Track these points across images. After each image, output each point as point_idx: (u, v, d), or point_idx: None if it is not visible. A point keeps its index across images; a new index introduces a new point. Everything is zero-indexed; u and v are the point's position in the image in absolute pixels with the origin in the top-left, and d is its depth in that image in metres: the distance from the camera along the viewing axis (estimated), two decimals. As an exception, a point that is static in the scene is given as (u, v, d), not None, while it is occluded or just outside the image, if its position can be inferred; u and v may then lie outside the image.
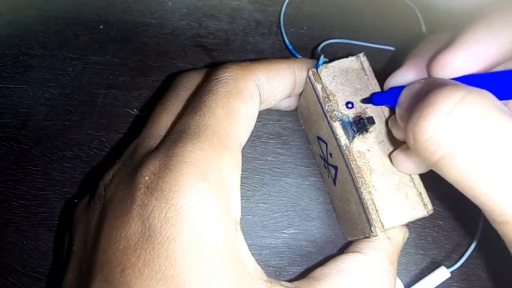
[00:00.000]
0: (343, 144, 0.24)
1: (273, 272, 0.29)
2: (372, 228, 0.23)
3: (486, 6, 0.21)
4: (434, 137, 0.17)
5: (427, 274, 0.29)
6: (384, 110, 0.25)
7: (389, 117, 0.25)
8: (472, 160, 0.16)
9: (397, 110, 0.21)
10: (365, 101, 0.25)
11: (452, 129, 0.17)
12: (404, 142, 0.23)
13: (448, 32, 0.22)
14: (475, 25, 0.20)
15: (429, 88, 0.18)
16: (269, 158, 0.31)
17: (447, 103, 0.17)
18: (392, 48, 0.32)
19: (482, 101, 0.17)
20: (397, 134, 0.24)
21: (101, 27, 0.33)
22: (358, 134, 0.24)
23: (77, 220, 0.24)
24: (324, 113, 0.25)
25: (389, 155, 0.24)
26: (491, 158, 0.16)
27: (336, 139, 0.25)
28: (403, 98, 0.21)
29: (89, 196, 0.25)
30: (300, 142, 0.31)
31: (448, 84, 0.18)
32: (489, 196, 0.16)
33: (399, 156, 0.23)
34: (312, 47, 0.33)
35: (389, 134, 0.25)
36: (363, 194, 0.23)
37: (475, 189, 0.17)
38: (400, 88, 0.22)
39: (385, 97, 0.23)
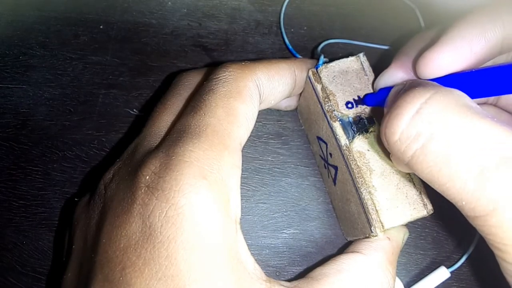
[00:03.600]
0: (343, 144, 0.24)
1: (273, 272, 0.29)
2: (372, 228, 0.23)
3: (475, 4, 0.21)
4: (403, 137, 0.18)
5: (427, 274, 0.29)
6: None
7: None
8: (441, 157, 0.17)
9: (385, 111, 0.21)
10: (358, 103, 0.25)
11: (418, 128, 0.17)
12: None
13: (435, 30, 0.22)
14: (461, 21, 0.20)
15: (401, 93, 0.19)
16: (269, 158, 0.31)
17: (414, 104, 0.17)
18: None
19: (448, 100, 0.17)
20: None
21: (101, 27, 0.34)
22: (358, 134, 0.24)
23: (77, 218, 0.24)
24: (324, 113, 0.25)
25: (389, 155, 0.24)
26: (458, 154, 0.16)
27: (336, 139, 0.25)
28: (389, 101, 0.21)
29: (89, 195, 0.25)
30: (300, 142, 0.31)
31: (419, 86, 0.18)
32: (459, 192, 0.17)
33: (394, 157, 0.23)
34: (312, 47, 0.33)
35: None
36: (363, 194, 0.23)
37: (445, 186, 0.17)
38: (389, 89, 0.22)
39: (376, 98, 0.24)
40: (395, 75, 0.23)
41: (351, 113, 0.25)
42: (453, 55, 0.20)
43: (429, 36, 0.22)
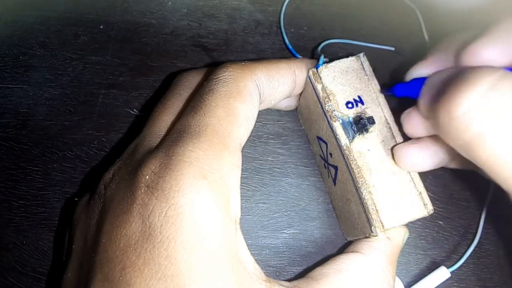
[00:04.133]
0: (343, 144, 0.24)
1: (273, 272, 0.29)
2: (372, 228, 0.23)
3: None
4: (469, 113, 0.17)
5: (427, 274, 0.29)
6: (384, 110, 0.25)
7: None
8: (504, 143, 0.16)
9: (421, 100, 0.21)
10: (385, 91, 0.25)
11: (487, 109, 0.16)
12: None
13: (474, 31, 0.22)
14: (509, 18, 0.20)
15: (462, 72, 0.18)
16: (269, 158, 0.31)
17: (484, 82, 0.17)
18: (392, 48, 0.32)
19: None
20: (411, 129, 0.23)
21: (101, 27, 0.34)
22: (358, 134, 0.24)
23: (77, 218, 0.24)
24: (324, 113, 0.25)
25: (391, 150, 0.24)
26: None
27: (336, 139, 0.25)
28: (429, 86, 0.20)
29: (89, 195, 0.25)
30: (300, 142, 0.31)
31: (485, 66, 0.18)
32: None
33: (404, 148, 0.23)
34: (312, 47, 0.33)
35: (388, 134, 0.25)
36: (363, 194, 0.23)
37: (504, 173, 0.16)
38: (423, 79, 0.21)
39: (407, 87, 0.23)
40: (431, 67, 0.23)
41: (351, 113, 0.25)
42: (499, 48, 0.19)
43: (466, 36, 0.22)
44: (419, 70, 0.23)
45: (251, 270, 0.20)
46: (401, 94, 0.24)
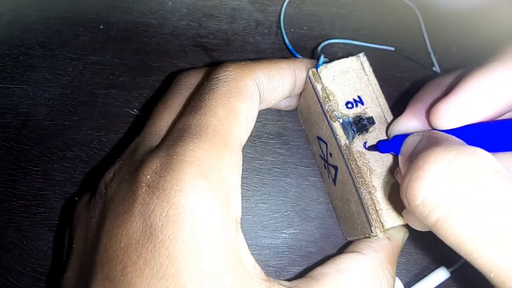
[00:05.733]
0: (343, 144, 0.24)
1: (273, 272, 0.29)
2: (372, 228, 0.23)
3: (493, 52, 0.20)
4: (426, 201, 0.16)
5: (427, 274, 0.29)
6: (384, 110, 0.25)
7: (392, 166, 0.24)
8: (467, 225, 0.16)
9: (399, 161, 0.21)
10: (371, 148, 0.24)
11: (443, 193, 0.16)
12: None
13: (452, 75, 0.21)
14: (477, 71, 0.19)
15: (424, 146, 0.18)
16: (269, 158, 0.31)
17: (436, 167, 0.16)
18: (392, 48, 0.32)
19: (472, 163, 0.16)
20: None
21: (101, 27, 0.34)
22: (358, 134, 0.24)
23: (78, 218, 0.24)
24: (324, 113, 0.25)
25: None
26: (486, 225, 0.15)
27: (336, 139, 0.25)
28: (404, 151, 0.20)
29: (90, 194, 0.25)
30: (300, 142, 0.31)
31: (439, 145, 0.17)
32: (487, 264, 0.16)
33: (408, 213, 0.22)
34: (312, 47, 0.33)
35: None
36: (363, 194, 0.23)
37: (473, 255, 0.16)
38: (404, 137, 0.21)
39: (390, 145, 0.23)
40: (408, 123, 0.22)
41: (351, 113, 0.25)
42: (469, 106, 0.19)
43: (445, 82, 0.21)
44: (399, 126, 0.23)
45: (251, 270, 0.20)
46: (384, 151, 0.23)
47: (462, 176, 0.16)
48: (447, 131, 0.20)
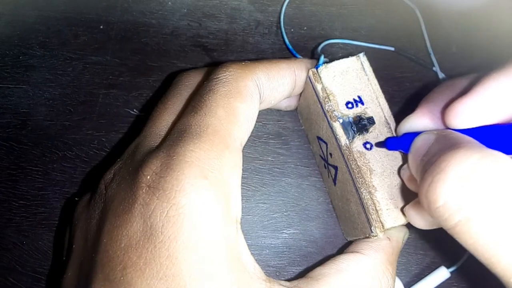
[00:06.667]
0: (343, 144, 0.24)
1: (273, 272, 0.29)
2: (372, 228, 0.23)
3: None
4: (448, 204, 0.16)
5: (427, 274, 0.29)
6: (384, 110, 0.25)
7: (400, 168, 0.24)
8: (489, 229, 0.16)
9: (410, 159, 0.20)
10: (379, 145, 0.24)
11: (465, 196, 0.16)
12: (416, 194, 0.23)
13: (466, 78, 0.21)
14: (496, 72, 0.19)
15: (442, 146, 0.18)
16: (269, 158, 0.31)
17: (459, 169, 0.16)
18: (392, 48, 0.32)
19: (496, 167, 0.16)
20: (409, 185, 0.23)
21: (101, 27, 0.33)
22: (358, 134, 0.24)
23: (78, 218, 0.24)
24: (324, 113, 0.25)
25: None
26: (508, 227, 0.15)
27: (336, 139, 0.25)
28: (416, 149, 0.20)
29: (90, 194, 0.25)
30: (300, 142, 0.31)
31: (461, 146, 0.17)
32: (506, 269, 0.16)
33: (411, 211, 0.22)
34: (312, 47, 0.33)
35: (388, 134, 0.25)
36: (363, 194, 0.23)
37: (492, 259, 0.16)
38: (414, 135, 0.21)
39: (399, 142, 0.23)
40: (420, 121, 0.22)
41: (351, 113, 0.25)
42: (485, 107, 0.19)
43: (458, 85, 0.21)
44: (410, 124, 0.23)
45: (251, 270, 0.20)
46: (393, 148, 0.23)
47: (485, 180, 0.16)
48: (461, 131, 0.20)
